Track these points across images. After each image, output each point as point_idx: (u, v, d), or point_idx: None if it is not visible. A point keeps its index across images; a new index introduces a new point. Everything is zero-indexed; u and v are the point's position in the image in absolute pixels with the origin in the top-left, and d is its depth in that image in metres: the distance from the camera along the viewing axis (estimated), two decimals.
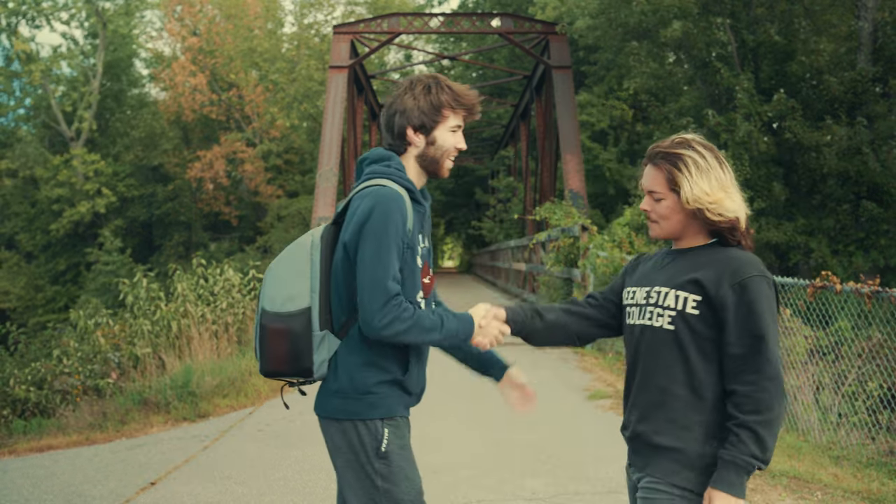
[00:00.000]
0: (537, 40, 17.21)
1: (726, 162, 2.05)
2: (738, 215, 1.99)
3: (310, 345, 2.03)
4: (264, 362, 2.07)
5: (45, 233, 34.16)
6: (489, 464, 5.06)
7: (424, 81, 2.14)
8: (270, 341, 2.04)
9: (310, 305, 2.02)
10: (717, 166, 2.01)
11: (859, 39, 12.76)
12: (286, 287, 2.04)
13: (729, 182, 2.01)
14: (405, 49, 31.80)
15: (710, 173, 1.98)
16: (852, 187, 12.45)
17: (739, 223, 2.00)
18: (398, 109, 2.12)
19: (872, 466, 5.01)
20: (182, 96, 33.59)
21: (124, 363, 8.27)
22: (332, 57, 17.00)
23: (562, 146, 15.26)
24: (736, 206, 1.99)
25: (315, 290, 2.03)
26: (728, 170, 2.03)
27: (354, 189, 2.11)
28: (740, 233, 2.00)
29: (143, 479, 4.97)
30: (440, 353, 2.38)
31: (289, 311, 2.02)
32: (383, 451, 2.07)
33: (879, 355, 5.57)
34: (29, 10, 34.06)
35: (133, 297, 9.07)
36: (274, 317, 2.04)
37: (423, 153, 2.15)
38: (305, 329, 2.02)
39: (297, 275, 2.04)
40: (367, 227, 1.98)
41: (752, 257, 1.97)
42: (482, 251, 33.85)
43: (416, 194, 2.12)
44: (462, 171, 40.86)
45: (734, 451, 1.89)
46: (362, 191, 2.06)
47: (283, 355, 2.04)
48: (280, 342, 2.03)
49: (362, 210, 2.00)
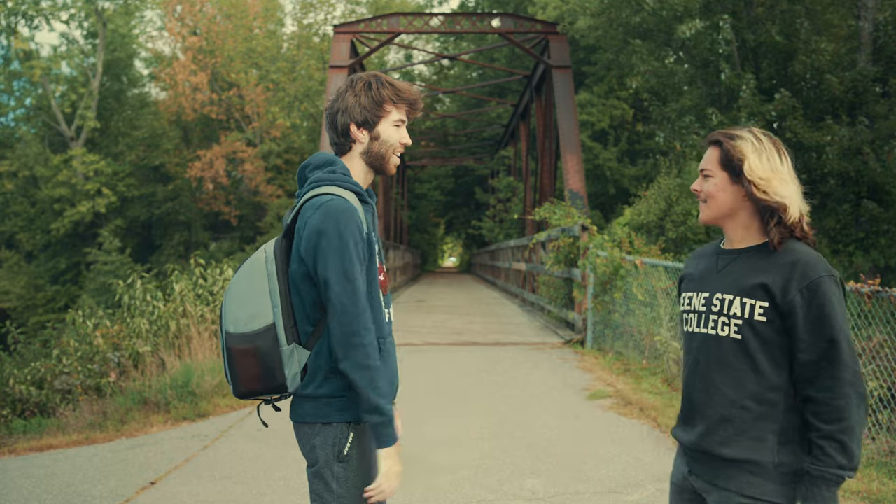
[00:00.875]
0: (537, 40, 17.21)
1: (787, 155, 2.00)
2: (788, 203, 1.91)
3: (280, 360, 1.99)
4: (237, 385, 2.03)
5: (46, 232, 34.17)
6: (489, 464, 5.06)
7: (365, 79, 2.15)
8: (239, 363, 2.00)
9: (274, 321, 1.98)
10: (775, 152, 1.96)
11: (859, 39, 12.76)
12: (248, 306, 2.00)
13: (784, 170, 1.95)
14: (405, 49, 31.76)
15: (764, 154, 1.93)
16: (852, 187, 12.46)
17: (789, 210, 1.91)
18: (340, 108, 2.13)
19: (872, 466, 5.01)
20: (182, 96, 33.61)
21: (124, 362, 8.27)
22: (332, 57, 17.00)
23: (562, 146, 15.25)
24: (787, 193, 1.92)
25: (277, 304, 1.99)
26: (787, 160, 1.97)
27: (301, 197, 2.07)
28: (794, 224, 1.92)
29: (143, 478, 4.97)
30: (441, 354, 2.37)
31: (254, 330, 1.98)
32: (345, 454, 2.07)
33: (879, 355, 5.57)
34: (28, 10, 34.05)
35: (129, 297, 9.07)
36: (239, 338, 1.99)
37: (368, 149, 2.15)
38: (273, 345, 1.98)
39: (256, 292, 2.00)
40: (323, 242, 1.96)
41: (817, 257, 1.88)
42: (482, 251, 33.87)
43: (364, 195, 2.11)
44: (462, 171, 40.90)
45: (821, 466, 1.81)
46: (311, 200, 2.03)
47: (255, 375, 2.00)
48: (249, 362, 1.99)
49: (315, 225, 1.97)
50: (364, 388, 1.96)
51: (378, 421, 1.99)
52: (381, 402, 1.98)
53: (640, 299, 8.83)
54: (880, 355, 5.57)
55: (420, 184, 41.67)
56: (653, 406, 6.49)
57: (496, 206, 26.96)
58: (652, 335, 8.49)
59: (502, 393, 7.23)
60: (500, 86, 29.60)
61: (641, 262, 8.85)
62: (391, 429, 2.02)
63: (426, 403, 6.92)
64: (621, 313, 9.35)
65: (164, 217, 35.19)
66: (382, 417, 1.99)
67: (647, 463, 5.03)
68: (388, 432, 2.02)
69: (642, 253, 9.92)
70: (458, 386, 7.67)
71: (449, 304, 18.19)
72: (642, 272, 8.83)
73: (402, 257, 28.08)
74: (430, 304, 18.25)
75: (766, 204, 1.91)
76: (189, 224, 35.43)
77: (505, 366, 8.57)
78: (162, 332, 8.61)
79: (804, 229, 1.94)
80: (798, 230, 1.93)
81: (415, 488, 4.59)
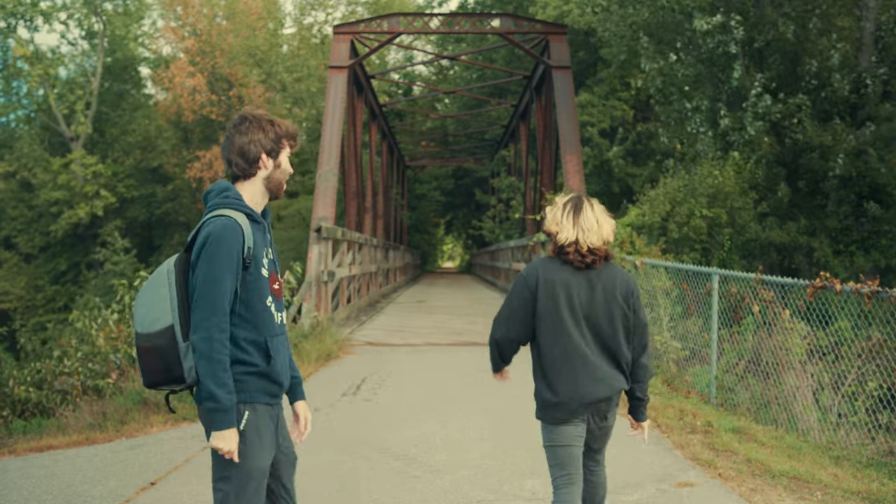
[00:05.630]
0: (537, 40, 17.20)
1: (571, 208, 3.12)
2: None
3: (177, 356, 2.34)
4: (144, 376, 2.39)
5: (44, 234, 34.15)
6: (489, 464, 5.06)
7: (265, 116, 2.53)
8: (144, 358, 2.37)
9: (172, 323, 2.34)
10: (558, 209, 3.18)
11: (861, 39, 12.75)
12: (151, 311, 2.37)
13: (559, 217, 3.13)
14: (405, 49, 31.76)
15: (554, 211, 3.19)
16: (854, 188, 12.45)
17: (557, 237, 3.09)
18: (252, 139, 2.47)
19: (872, 466, 5.01)
20: (181, 97, 33.60)
21: (123, 364, 8.26)
22: (332, 57, 16.98)
23: (562, 146, 15.25)
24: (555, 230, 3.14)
25: (174, 308, 2.34)
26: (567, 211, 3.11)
27: (201, 220, 2.44)
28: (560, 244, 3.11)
29: (143, 479, 4.97)
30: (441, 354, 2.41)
31: (156, 330, 2.34)
32: (241, 429, 2.38)
33: (879, 355, 5.57)
34: (27, 11, 34.04)
35: (131, 297, 9.06)
36: (144, 337, 2.36)
37: (270, 176, 2.53)
38: (171, 343, 2.34)
39: (158, 299, 2.36)
40: (203, 252, 2.34)
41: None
42: (482, 251, 33.86)
43: (255, 215, 2.47)
44: (462, 172, 40.86)
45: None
46: (206, 220, 2.40)
47: (157, 368, 2.36)
48: (152, 357, 2.36)
49: (201, 237, 2.36)
50: (203, 376, 2.30)
51: (212, 406, 2.29)
52: (217, 391, 2.28)
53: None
54: (880, 355, 5.57)
55: (420, 184, 41.65)
56: (652, 406, 6.49)
57: (497, 207, 26.94)
58: (652, 335, 8.49)
59: (502, 393, 7.23)
60: (499, 86, 29.58)
61: (642, 263, 8.84)
62: (222, 414, 2.30)
63: (426, 404, 6.92)
64: None
65: (164, 217, 35.19)
66: (216, 404, 2.29)
67: (646, 463, 5.03)
68: (219, 417, 2.31)
69: (643, 253, 9.92)
70: (458, 386, 7.67)
71: (449, 304, 18.19)
72: (642, 272, 8.82)
73: (402, 258, 28.09)
74: (430, 304, 18.25)
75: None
76: (188, 224, 35.43)
77: None
78: None
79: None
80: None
81: (415, 488, 4.59)
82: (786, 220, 12.52)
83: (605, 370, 3.01)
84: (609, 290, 3.03)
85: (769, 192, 12.73)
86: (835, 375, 6.10)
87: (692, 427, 5.88)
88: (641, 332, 3.10)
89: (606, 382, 3.01)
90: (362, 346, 10.54)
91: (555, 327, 3.00)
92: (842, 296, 5.64)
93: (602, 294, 3.02)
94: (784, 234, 12.04)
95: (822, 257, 12.07)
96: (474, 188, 34.70)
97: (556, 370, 3.01)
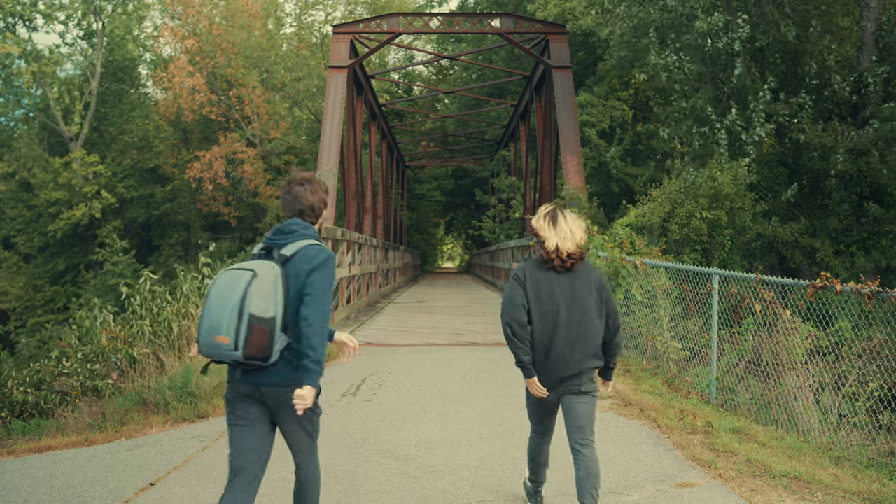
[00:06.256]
0: (537, 40, 17.19)
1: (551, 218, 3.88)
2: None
3: (273, 339, 3.08)
4: (247, 348, 3.02)
5: (43, 234, 34.13)
6: (489, 464, 5.05)
7: (319, 181, 3.47)
8: (254, 334, 3.02)
9: (275, 315, 3.08)
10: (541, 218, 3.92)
11: (861, 39, 12.73)
12: (264, 302, 3.06)
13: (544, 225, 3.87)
14: (405, 49, 31.74)
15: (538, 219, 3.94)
16: (854, 188, 12.44)
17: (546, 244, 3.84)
18: (320, 198, 3.41)
19: (873, 467, 5.00)
20: (181, 97, 33.57)
21: (123, 364, 8.26)
22: (332, 57, 16.98)
23: (562, 146, 15.25)
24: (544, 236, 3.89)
25: (279, 305, 3.10)
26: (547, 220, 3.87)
27: (294, 241, 3.27)
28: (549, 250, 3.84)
29: (143, 479, 4.96)
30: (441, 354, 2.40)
31: (267, 317, 3.05)
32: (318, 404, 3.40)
33: (880, 356, 5.56)
34: (26, 11, 34.01)
35: (137, 297, 9.05)
36: (257, 319, 3.04)
37: (320, 225, 3.49)
38: (273, 328, 3.07)
39: (270, 295, 3.09)
40: (321, 267, 3.21)
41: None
42: (482, 251, 33.85)
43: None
44: (462, 172, 40.86)
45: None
46: (310, 245, 3.27)
47: (261, 344, 3.04)
48: (260, 335, 3.03)
49: (320, 257, 3.23)
50: (318, 346, 3.13)
51: (317, 370, 3.12)
52: (323, 360, 3.16)
53: (639, 300, 8.82)
54: (881, 356, 5.56)
55: (420, 184, 41.65)
56: (653, 407, 6.48)
57: (497, 207, 26.93)
58: (652, 336, 8.48)
59: (502, 393, 7.22)
60: (499, 86, 29.57)
61: (642, 263, 8.84)
62: (318, 376, 3.15)
63: (426, 404, 6.91)
64: (621, 314, 9.34)
65: (163, 218, 35.17)
66: (320, 368, 3.13)
67: (646, 463, 5.02)
68: (318, 377, 3.15)
69: (643, 254, 9.91)
70: (458, 386, 7.66)
71: (449, 304, 18.18)
72: (642, 273, 8.81)
73: (402, 258, 28.08)
74: (430, 304, 18.24)
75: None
76: (188, 225, 35.41)
77: (505, 366, 8.56)
78: (163, 333, 8.59)
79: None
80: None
81: (414, 489, 4.58)
82: (787, 220, 12.51)
83: (575, 355, 3.68)
84: (584, 285, 3.73)
85: (769, 193, 12.71)
86: (835, 376, 6.09)
87: (692, 427, 5.87)
88: (614, 317, 3.79)
89: (575, 364, 3.68)
90: (362, 346, 10.53)
91: (539, 317, 3.69)
92: (842, 296, 5.63)
93: (579, 289, 3.71)
94: (787, 233, 12.04)
95: (824, 257, 12.06)
96: (474, 188, 34.69)
97: (536, 352, 3.73)
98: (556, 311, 3.67)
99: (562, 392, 3.73)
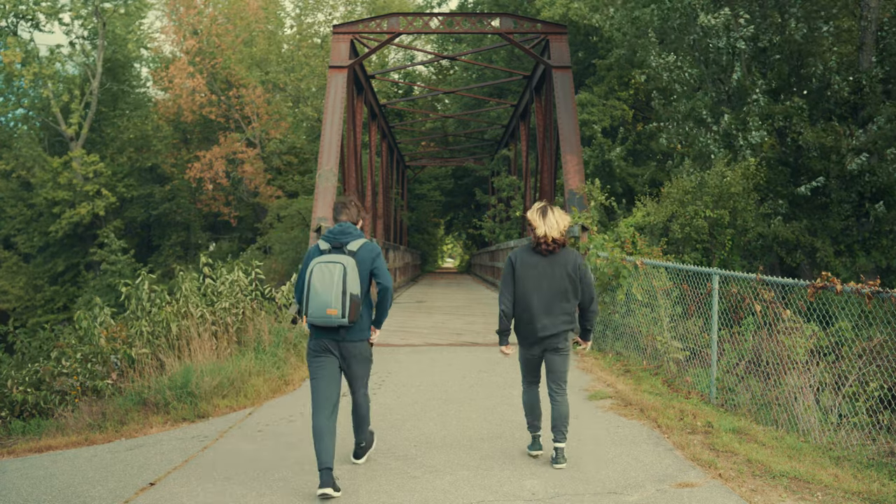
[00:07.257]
0: (537, 40, 17.18)
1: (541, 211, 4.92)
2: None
3: (360, 310, 4.60)
4: (349, 316, 4.50)
5: (44, 234, 34.09)
6: (489, 464, 5.05)
7: (356, 200, 4.95)
8: (351, 306, 4.51)
9: (359, 292, 4.57)
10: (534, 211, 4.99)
11: (861, 39, 12.71)
12: (353, 285, 4.53)
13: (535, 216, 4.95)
14: (405, 49, 31.73)
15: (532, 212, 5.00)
16: (855, 188, 12.43)
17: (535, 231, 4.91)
18: (359, 210, 4.93)
19: (873, 467, 5.00)
20: (181, 97, 33.55)
21: (123, 365, 8.24)
22: (332, 57, 16.96)
23: (562, 146, 15.23)
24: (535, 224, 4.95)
25: (360, 287, 4.61)
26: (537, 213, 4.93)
27: (354, 240, 4.71)
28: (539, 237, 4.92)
29: (143, 479, 4.96)
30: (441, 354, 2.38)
31: (356, 294, 4.55)
32: (371, 352, 4.87)
33: (880, 356, 5.56)
34: (27, 11, 33.99)
35: (135, 298, 9.03)
36: (353, 297, 4.52)
37: (361, 227, 4.94)
38: (359, 302, 4.57)
39: (356, 280, 4.56)
40: (380, 258, 4.76)
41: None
42: (482, 251, 33.84)
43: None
44: (462, 172, 40.83)
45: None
46: (367, 242, 4.75)
47: (356, 313, 4.54)
48: (355, 306, 4.53)
49: (376, 251, 4.73)
50: (385, 311, 4.88)
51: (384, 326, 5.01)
52: (385, 322, 4.99)
53: (640, 300, 8.81)
54: (881, 356, 5.56)
55: (420, 184, 41.63)
56: (653, 407, 6.48)
57: (497, 206, 26.91)
58: (653, 335, 8.47)
59: (502, 393, 7.22)
60: (499, 86, 29.54)
61: (642, 263, 8.83)
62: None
63: (426, 404, 6.91)
64: (621, 314, 9.33)
65: (162, 218, 35.14)
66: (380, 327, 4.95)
67: (647, 463, 5.02)
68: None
69: (644, 254, 9.90)
70: (458, 386, 7.66)
71: (449, 304, 18.18)
72: (643, 273, 8.81)
73: (402, 258, 28.06)
74: (430, 304, 18.24)
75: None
76: (187, 225, 35.39)
77: (505, 366, 8.56)
78: (162, 333, 8.57)
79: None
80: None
81: (414, 489, 4.58)
82: (789, 220, 12.50)
83: (552, 319, 4.85)
84: (562, 265, 4.89)
85: (770, 192, 12.70)
86: (836, 376, 6.09)
87: (692, 427, 5.87)
88: (588, 289, 4.94)
89: (552, 327, 4.86)
90: None
91: (525, 290, 4.88)
92: (842, 296, 5.63)
93: (559, 269, 4.88)
94: (789, 232, 12.03)
95: (824, 257, 12.05)
96: (474, 188, 34.68)
97: (522, 317, 4.91)
98: (538, 286, 4.84)
99: (544, 348, 4.91)
